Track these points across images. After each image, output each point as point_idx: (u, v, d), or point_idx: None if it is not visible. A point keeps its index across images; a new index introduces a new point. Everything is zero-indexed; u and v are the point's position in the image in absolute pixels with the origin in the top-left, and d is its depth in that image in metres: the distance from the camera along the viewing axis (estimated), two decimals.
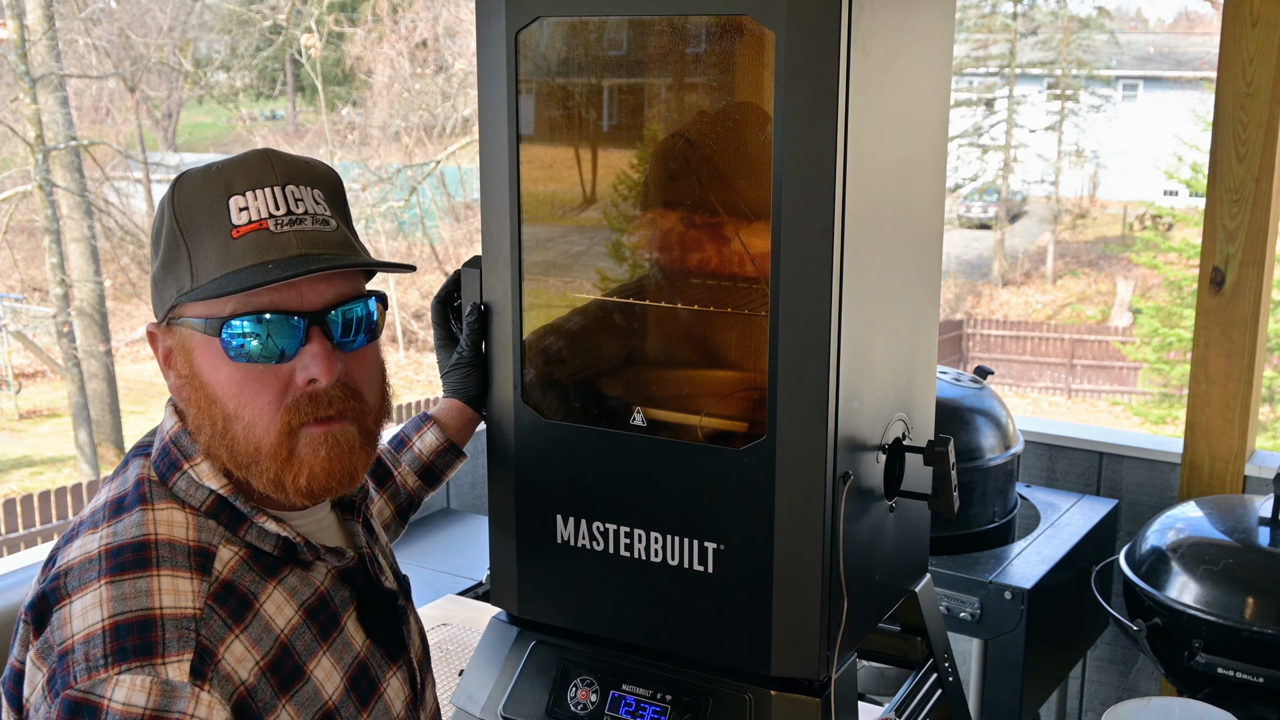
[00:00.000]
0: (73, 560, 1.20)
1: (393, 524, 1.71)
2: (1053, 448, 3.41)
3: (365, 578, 1.38)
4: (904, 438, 1.68)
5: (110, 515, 1.23)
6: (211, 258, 1.21)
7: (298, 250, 1.21)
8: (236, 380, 1.22)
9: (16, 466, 12.67)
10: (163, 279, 1.26)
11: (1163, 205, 17.56)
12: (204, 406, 1.24)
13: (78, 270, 12.35)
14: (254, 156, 1.26)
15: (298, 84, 20.80)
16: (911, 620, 1.86)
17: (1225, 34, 3.02)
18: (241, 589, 1.22)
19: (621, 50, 1.70)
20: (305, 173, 1.27)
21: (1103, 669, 3.42)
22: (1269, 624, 2.34)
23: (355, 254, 1.27)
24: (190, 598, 1.17)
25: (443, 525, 3.37)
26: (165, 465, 1.27)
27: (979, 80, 21.16)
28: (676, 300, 1.77)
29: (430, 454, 1.71)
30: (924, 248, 1.73)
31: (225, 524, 1.25)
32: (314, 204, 1.25)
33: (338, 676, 1.30)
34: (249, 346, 1.21)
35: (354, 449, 1.27)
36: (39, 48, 11.63)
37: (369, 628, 1.36)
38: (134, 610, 1.14)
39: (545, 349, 1.75)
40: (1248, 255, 3.06)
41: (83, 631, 1.13)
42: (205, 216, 1.22)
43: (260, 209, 1.22)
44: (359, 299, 1.28)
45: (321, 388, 1.23)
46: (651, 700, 1.60)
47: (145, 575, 1.17)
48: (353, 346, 1.28)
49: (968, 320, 17.00)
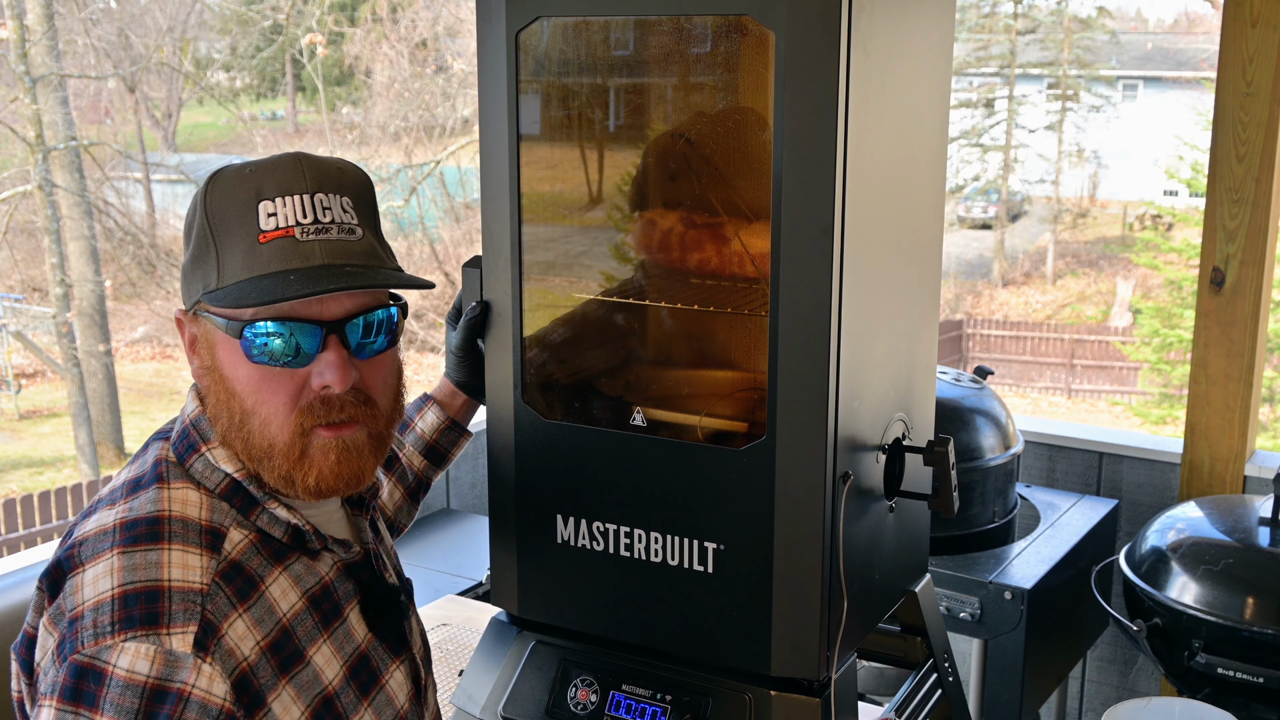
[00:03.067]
0: (88, 531, 1.23)
1: (404, 505, 1.74)
2: (1053, 448, 3.41)
3: (370, 572, 1.40)
4: (904, 438, 1.68)
5: (128, 493, 1.27)
6: (238, 259, 1.24)
7: (321, 260, 1.24)
8: (254, 379, 1.26)
9: (16, 466, 12.66)
10: (191, 271, 1.29)
11: (1163, 205, 17.55)
12: (223, 398, 1.28)
13: (78, 270, 12.35)
14: (287, 161, 1.28)
15: (298, 84, 20.79)
16: (911, 620, 1.86)
17: (1225, 34, 3.02)
18: (249, 570, 1.25)
19: (622, 50, 1.70)
20: (335, 180, 1.29)
21: (1103, 669, 3.42)
22: (1269, 624, 2.34)
23: (379, 263, 1.29)
24: (199, 573, 1.20)
25: (443, 525, 3.37)
26: (184, 447, 1.30)
27: (979, 80, 21.15)
28: (676, 300, 1.77)
29: (433, 433, 1.74)
30: (924, 248, 1.73)
31: (238, 507, 1.28)
32: (341, 212, 1.28)
33: (337, 664, 1.32)
34: (270, 347, 1.24)
35: (363, 453, 1.30)
36: (39, 48, 11.63)
37: (371, 621, 1.38)
38: (143, 580, 1.17)
39: (545, 349, 1.75)
40: (1248, 255, 3.06)
41: (93, 599, 1.16)
42: (235, 218, 1.25)
43: (288, 216, 1.25)
44: (379, 308, 1.31)
45: (335, 393, 1.27)
46: (651, 700, 1.60)
47: (156, 548, 1.20)
48: (369, 353, 1.31)
49: (968, 320, 16.99)
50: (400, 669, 1.42)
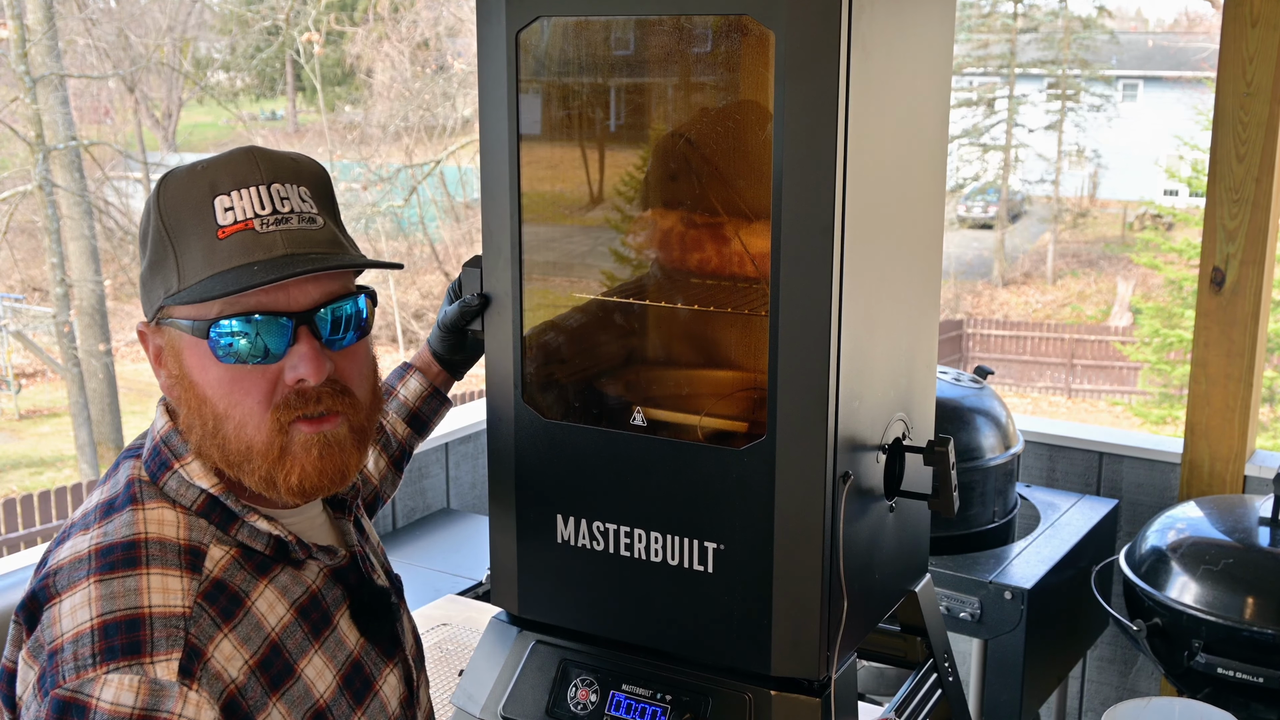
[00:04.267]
0: (63, 560, 1.19)
1: (388, 474, 1.72)
2: (1053, 448, 3.41)
3: (357, 576, 1.38)
4: (904, 438, 1.68)
5: (101, 516, 1.23)
6: (197, 259, 1.21)
7: (284, 250, 1.21)
8: (226, 380, 1.22)
9: (16, 466, 12.67)
10: (150, 279, 1.26)
11: (1163, 205, 17.55)
12: (194, 406, 1.24)
13: (78, 270, 12.34)
14: (239, 155, 1.24)
15: (298, 84, 20.80)
16: (911, 620, 1.86)
17: (1225, 34, 3.02)
18: (232, 587, 1.22)
19: (622, 50, 1.70)
20: (291, 170, 1.26)
21: (1103, 669, 3.42)
22: (1269, 624, 2.34)
23: (343, 251, 1.27)
24: (180, 596, 1.17)
25: (443, 525, 3.37)
26: (156, 465, 1.27)
27: (979, 80, 21.15)
28: (677, 300, 1.77)
29: (416, 400, 1.74)
30: (924, 248, 1.73)
31: (216, 523, 1.25)
32: (300, 202, 1.25)
33: (330, 675, 1.29)
34: (237, 347, 1.20)
35: (345, 448, 1.26)
36: (39, 48, 11.62)
37: (362, 625, 1.36)
38: (122, 609, 1.14)
39: (545, 348, 1.75)
40: (1248, 255, 3.06)
41: (72, 630, 1.13)
42: (190, 217, 1.22)
43: (246, 208, 1.21)
44: (347, 297, 1.27)
45: (310, 386, 1.23)
46: (651, 700, 1.60)
47: (134, 574, 1.17)
48: (342, 344, 1.27)
49: (968, 320, 16.99)
50: (394, 672, 1.40)
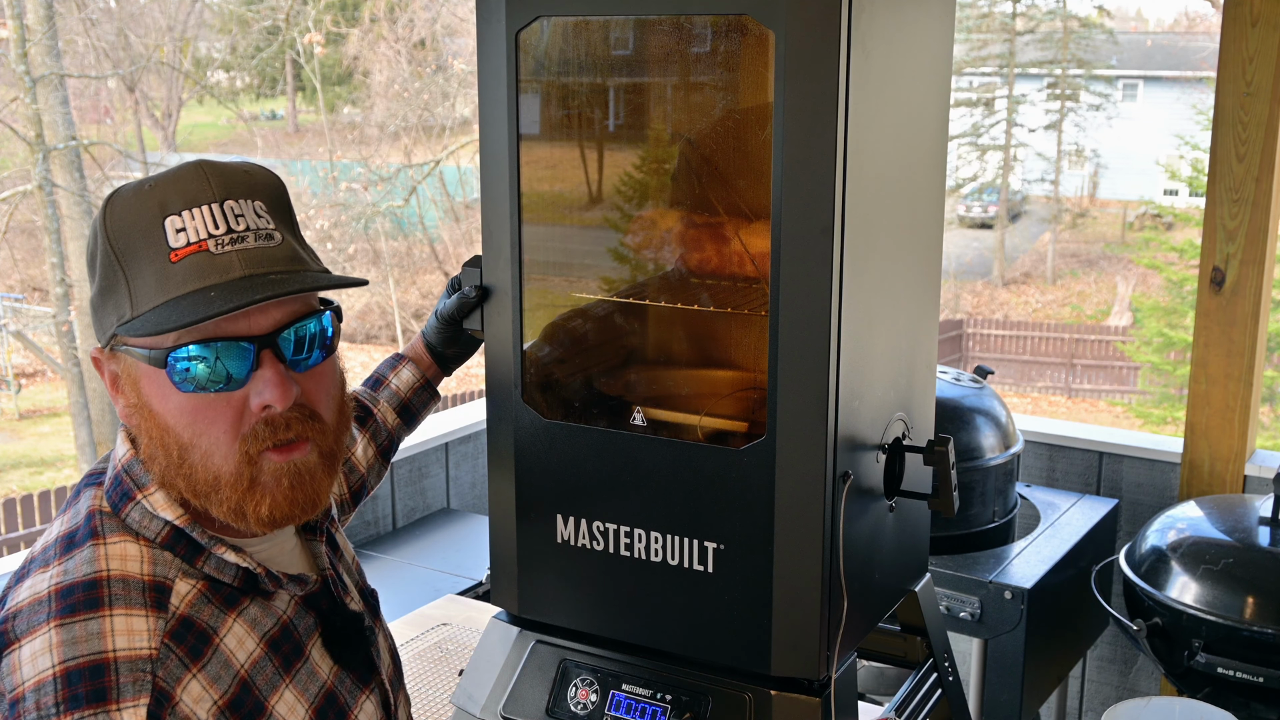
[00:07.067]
0: (21, 602, 1.14)
1: (376, 465, 1.70)
2: (1053, 448, 3.41)
3: (329, 601, 1.33)
4: (904, 437, 1.68)
5: (61, 552, 1.17)
6: (150, 283, 1.15)
7: (241, 271, 1.15)
8: (188, 410, 1.16)
9: (16, 466, 12.67)
10: (101, 305, 1.20)
11: (1163, 205, 17.55)
12: (156, 435, 1.18)
13: (77, 270, 12.33)
14: (188, 170, 1.19)
15: (298, 84, 20.80)
16: (911, 620, 1.86)
17: (1225, 34, 3.02)
18: (200, 624, 1.17)
19: (621, 50, 1.70)
20: (245, 184, 1.20)
21: (1103, 669, 3.42)
22: (1269, 624, 2.34)
23: (304, 267, 1.21)
24: (145, 637, 1.12)
25: (443, 525, 3.37)
26: (118, 495, 1.21)
27: (979, 80, 21.15)
28: (676, 300, 1.77)
29: (408, 391, 1.73)
30: (924, 248, 1.73)
31: (182, 555, 1.19)
32: (255, 218, 1.18)
33: (301, 709, 1.24)
34: (196, 373, 1.15)
35: (316, 476, 1.21)
36: (39, 48, 11.62)
37: (335, 654, 1.31)
38: (85, 654, 1.09)
39: (545, 348, 1.75)
40: (1248, 255, 3.06)
41: (33, 678, 1.08)
42: (140, 239, 1.16)
43: (199, 229, 1.15)
44: (311, 315, 1.21)
45: (278, 413, 1.18)
46: (651, 700, 1.60)
47: (97, 616, 1.11)
48: (307, 365, 1.21)
49: (968, 320, 16.99)
50: (370, 699, 1.35)
